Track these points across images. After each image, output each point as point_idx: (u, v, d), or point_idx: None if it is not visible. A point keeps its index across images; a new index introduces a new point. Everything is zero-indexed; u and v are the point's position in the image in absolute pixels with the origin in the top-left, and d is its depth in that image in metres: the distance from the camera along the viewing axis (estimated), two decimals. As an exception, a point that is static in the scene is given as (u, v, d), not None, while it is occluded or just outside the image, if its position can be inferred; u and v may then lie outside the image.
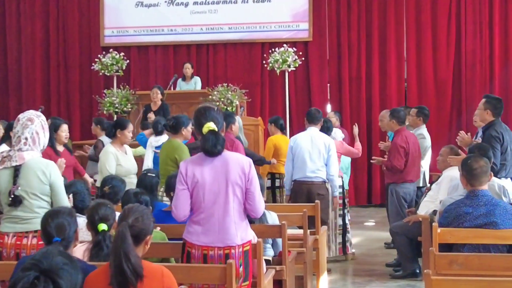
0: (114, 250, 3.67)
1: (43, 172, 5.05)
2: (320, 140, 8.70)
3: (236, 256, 4.76)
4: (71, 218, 4.12)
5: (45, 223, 4.05)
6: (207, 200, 4.78)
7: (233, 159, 4.85)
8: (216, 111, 4.98)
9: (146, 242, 3.93)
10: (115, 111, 13.21)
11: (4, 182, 5.05)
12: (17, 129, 5.13)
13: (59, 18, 15.64)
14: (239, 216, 4.84)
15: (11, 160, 5.05)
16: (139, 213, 3.91)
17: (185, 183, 4.80)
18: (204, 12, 14.97)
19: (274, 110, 14.64)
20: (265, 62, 13.97)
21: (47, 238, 4.00)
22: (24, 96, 15.67)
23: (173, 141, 8.06)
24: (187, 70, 13.30)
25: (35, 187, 5.03)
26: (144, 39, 15.22)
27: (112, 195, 5.97)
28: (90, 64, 14.66)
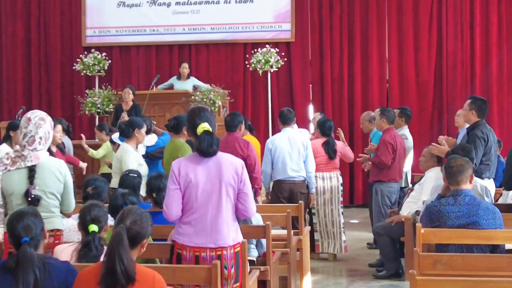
0: (109, 251, 3.67)
1: (59, 171, 5.06)
2: (297, 139, 8.83)
3: (228, 257, 4.75)
4: (36, 218, 4.08)
5: (12, 226, 4.00)
6: (200, 201, 4.76)
7: (226, 160, 4.85)
8: (210, 113, 4.98)
9: (143, 246, 3.92)
10: (97, 111, 13.15)
11: (18, 183, 5.00)
12: (30, 129, 5.05)
13: (41, 17, 15.56)
14: (232, 217, 4.85)
15: (25, 160, 5.00)
16: (137, 215, 3.90)
17: (177, 183, 4.77)
18: (186, 12, 14.95)
19: (256, 110, 14.68)
20: (248, 63, 13.99)
21: (15, 241, 3.96)
22: (5, 96, 15.57)
23: (176, 141, 8.14)
24: (184, 70, 13.18)
25: (52, 187, 5.02)
26: (126, 39, 15.18)
27: (95, 196, 5.93)
28: (72, 64, 14.58)
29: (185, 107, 12.55)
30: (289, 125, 8.98)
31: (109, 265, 3.67)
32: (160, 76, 13.30)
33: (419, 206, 7.94)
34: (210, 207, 4.76)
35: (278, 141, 8.82)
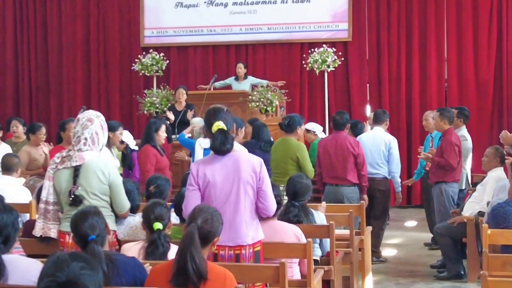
0: (181, 250, 3.72)
1: (102, 172, 5.08)
2: (382, 139, 9.09)
3: (247, 257, 4.77)
4: (99, 216, 4.16)
5: (77, 226, 4.08)
6: (218, 200, 4.79)
7: (244, 158, 4.88)
8: (226, 112, 4.97)
9: (213, 244, 3.97)
10: (155, 111, 13.29)
11: (64, 182, 5.08)
12: (77, 129, 5.15)
13: (100, 18, 15.77)
14: (251, 216, 4.85)
15: (71, 160, 5.08)
16: (208, 214, 3.96)
17: (196, 183, 4.83)
18: (243, 12, 14.99)
19: (313, 110, 14.65)
20: (305, 63, 13.98)
21: (81, 240, 4.03)
22: (65, 96, 15.82)
23: (289, 140, 8.29)
24: (239, 70, 13.27)
25: (95, 187, 5.06)
26: (184, 40, 15.28)
27: (158, 194, 6.00)
28: (130, 65, 14.78)
29: (242, 107, 12.60)
30: (380, 125, 9.33)
31: (180, 264, 3.71)
32: (217, 76, 13.38)
33: (482, 206, 7.85)
34: (228, 206, 4.79)
35: (363, 139, 9.10)
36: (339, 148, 8.53)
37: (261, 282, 4.68)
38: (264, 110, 12.39)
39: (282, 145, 8.42)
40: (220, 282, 3.78)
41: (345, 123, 8.69)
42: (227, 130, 4.82)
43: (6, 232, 3.91)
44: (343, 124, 8.67)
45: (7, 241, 3.92)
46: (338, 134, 8.66)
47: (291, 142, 8.33)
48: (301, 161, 8.31)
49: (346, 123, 8.73)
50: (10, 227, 3.94)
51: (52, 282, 2.29)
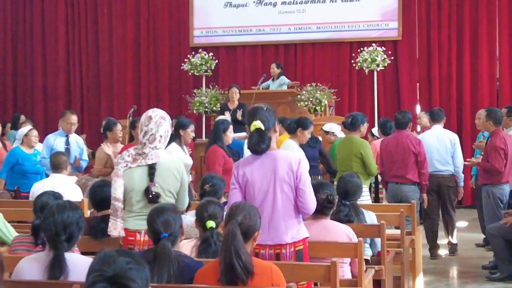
0: (225, 247, 3.74)
1: (177, 169, 5.11)
2: (446, 136, 9.33)
3: (287, 256, 4.73)
4: (176, 214, 4.19)
5: (152, 221, 4.12)
6: (257, 198, 4.78)
7: (281, 156, 4.84)
8: (266, 110, 4.92)
9: (254, 239, 3.99)
10: (205, 111, 13.37)
11: (138, 180, 5.07)
12: (151, 127, 5.09)
13: (150, 19, 15.93)
14: (289, 214, 4.79)
15: (146, 158, 5.07)
16: (246, 210, 3.98)
17: (237, 182, 4.84)
18: (292, 12, 14.99)
19: (362, 109, 14.51)
20: (354, 62, 13.92)
21: (154, 235, 4.08)
22: (116, 96, 16.02)
23: (353, 138, 8.41)
24: (272, 70, 13.30)
25: (171, 185, 5.08)
26: (233, 39, 15.35)
27: (212, 193, 6.03)
28: (180, 64, 14.88)
29: (291, 106, 12.61)
30: (439, 123, 9.51)
31: (226, 262, 3.73)
32: (266, 76, 13.41)
33: (536, 207, 7.74)
34: (266, 205, 4.77)
35: (426, 138, 9.24)
36: (400, 147, 8.69)
37: (312, 281, 4.67)
38: (313, 109, 12.36)
39: (346, 143, 8.51)
40: (267, 276, 3.80)
41: (407, 122, 8.89)
42: (265, 129, 4.79)
43: (70, 230, 3.96)
44: (405, 123, 8.86)
45: (71, 239, 3.98)
46: (400, 133, 8.84)
47: (355, 139, 8.42)
48: (365, 158, 8.35)
49: (408, 122, 8.92)
50: (74, 226, 3.99)
51: (99, 276, 2.31)
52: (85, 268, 3.85)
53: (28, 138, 9.15)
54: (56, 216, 3.98)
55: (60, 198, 5.13)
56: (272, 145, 4.84)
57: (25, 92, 16.83)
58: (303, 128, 8.32)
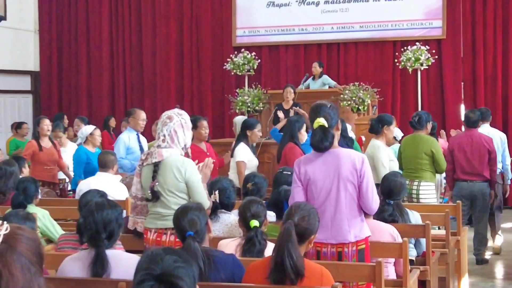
0: (278, 247, 3.73)
1: (178, 169, 5.08)
2: (495, 135, 9.38)
3: (349, 255, 4.71)
4: (200, 212, 4.20)
5: (177, 220, 4.15)
6: (319, 197, 4.76)
7: (344, 154, 4.80)
8: (330, 108, 4.88)
9: (310, 241, 3.96)
10: (247, 110, 13.37)
11: (147, 178, 5.16)
12: (158, 127, 5.26)
13: (193, 18, 15.99)
14: (352, 213, 4.77)
15: (152, 157, 5.15)
16: (305, 212, 3.96)
17: (299, 180, 4.82)
18: (335, 11, 14.92)
19: (406, 109, 14.44)
20: (397, 61, 13.80)
21: (181, 234, 4.10)
22: (159, 95, 16.11)
23: (422, 136, 8.48)
24: (314, 69, 13.26)
25: (171, 184, 5.09)
26: (275, 39, 15.31)
27: (255, 192, 6.03)
28: (222, 64, 14.91)
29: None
30: (488, 122, 9.64)
31: (278, 261, 3.73)
32: (309, 75, 13.37)
33: None
34: (328, 203, 4.75)
35: None
36: (475, 145, 8.72)
37: (357, 280, 4.64)
38: (356, 109, 12.30)
39: (414, 141, 8.50)
40: (317, 279, 3.78)
41: (477, 120, 8.92)
42: (328, 126, 4.75)
43: (110, 228, 4.00)
44: (476, 121, 8.90)
45: (111, 237, 4.02)
46: (471, 131, 8.87)
47: (424, 137, 8.48)
48: (436, 155, 8.38)
49: (478, 121, 8.95)
50: (114, 223, 4.03)
51: (148, 275, 2.31)
52: (128, 265, 3.93)
53: (93, 137, 9.21)
54: (95, 214, 4.03)
55: (104, 197, 5.19)
56: (334, 143, 4.80)
57: (69, 92, 17.04)
58: (388, 124, 8.31)
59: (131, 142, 9.15)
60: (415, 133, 8.59)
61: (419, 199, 8.08)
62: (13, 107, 16.51)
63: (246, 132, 8.37)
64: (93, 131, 9.24)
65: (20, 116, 16.09)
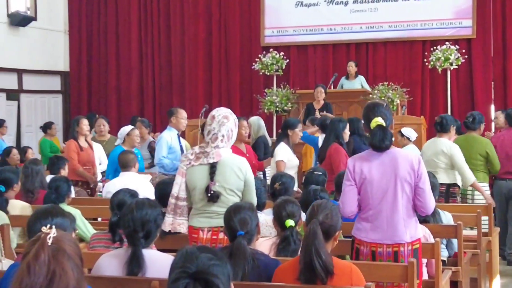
0: (305, 246, 3.74)
1: (239, 169, 5.13)
2: None
3: (405, 254, 4.70)
4: (252, 213, 4.22)
5: (229, 219, 4.15)
6: (375, 197, 4.74)
7: (401, 155, 4.79)
8: (385, 107, 4.90)
9: (335, 238, 3.98)
10: (276, 110, 13.38)
11: (200, 178, 5.14)
12: (213, 126, 5.17)
13: (221, 19, 16.03)
14: (408, 213, 4.76)
15: (207, 157, 5.13)
16: (328, 209, 3.96)
17: (353, 179, 4.79)
18: (364, 10, 14.87)
19: (435, 109, 14.34)
20: (426, 61, 13.74)
21: (231, 233, 4.11)
22: (187, 95, 16.16)
23: (476, 137, 8.55)
24: (351, 68, 13.27)
25: (232, 183, 5.11)
26: (304, 39, 15.30)
27: (283, 192, 6.04)
28: (251, 64, 14.93)
29: (362, 105, 12.39)
30: None
31: (306, 260, 3.74)
32: (338, 75, 13.35)
33: None
34: (385, 203, 4.73)
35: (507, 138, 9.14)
36: None
37: (389, 280, 4.62)
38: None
39: (468, 142, 8.49)
40: (346, 276, 3.78)
41: None
42: (386, 126, 4.76)
43: (148, 227, 4.02)
44: None
45: (148, 236, 4.03)
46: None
47: (479, 138, 8.55)
48: (491, 155, 8.45)
49: None
50: (152, 223, 4.04)
51: (183, 273, 2.34)
52: (163, 265, 3.94)
53: (131, 138, 9.25)
54: (134, 213, 4.04)
55: (135, 196, 5.22)
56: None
57: (99, 93, 17.16)
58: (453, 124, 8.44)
59: (173, 141, 9.13)
60: (468, 133, 8.62)
61: (474, 199, 8.09)
62: (43, 107, 16.65)
63: (287, 131, 8.34)
64: (130, 131, 9.28)
65: (50, 116, 16.24)
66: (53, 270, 2.21)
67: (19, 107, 16.00)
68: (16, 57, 15.31)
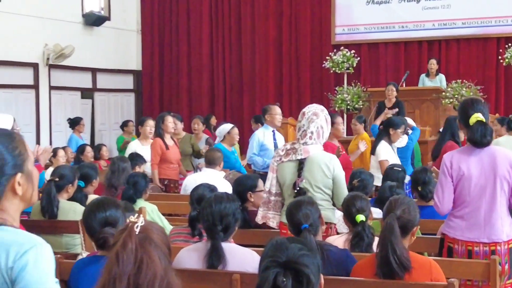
0: (382, 241, 3.73)
1: (327, 166, 5.14)
2: None
3: (502, 253, 4.61)
4: (313, 206, 4.23)
5: (291, 215, 4.17)
6: (472, 194, 4.65)
7: (500, 153, 4.70)
8: (483, 104, 4.82)
9: (413, 234, 3.94)
10: (347, 108, 13.32)
11: (289, 174, 5.18)
12: (303, 123, 5.21)
13: (292, 17, 16.05)
14: (505, 212, 4.67)
15: (296, 153, 5.17)
16: (405, 205, 3.93)
17: (450, 175, 4.70)
18: (436, 7, 14.69)
19: (509, 107, 14.10)
20: (501, 58, 13.49)
21: (295, 228, 4.12)
22: (258, 94, 16.23)
23: None
24: (432, 66, 13.10)
25: (319, 180, 5.13)
26: (375, 36, 15.23)
27: (361, 188, 6.02)
28: (321, 62, 14.88)
29: (435, 103, 12.38)
30: None
31: (383, 255, 3.72)
32: (410, 73, 13.21)
33: None
34: (483, 202, 4.64)
35: None
36: None
37: (471, 278, 4.56)
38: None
39: None
40: (426, 271, 3.75)
41: None
42: (486, 121, 4.68)
43: (226, 221, 4.07)
44: None
45: (227, 230, 4.08)
46: None
47: None
48: None
49: None
50: (231, 217, 4.09)
51: (273, 262, 2.35)
52: (244, 258, 3.99)
53: (231, 136, 9.35)
54: (213, 206, 4.09)
55: (214, 190, 5.27)
56: None
57: (170, 91, 17.36)
58: None
59: (266, 139, 9.10)
60: None
61: None
62: (117, 106, 16.94)
63: (389, 130, 8.25)
64: (230, 129, 9.37)
65: (123, 114, 16.53)
66: (140, 258, 2.24)
67: (93, 105, 16.30)
68: (90, 57, 15.60)
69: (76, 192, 6.18)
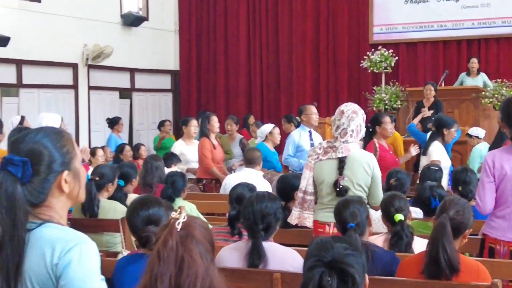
0: (433, 240, 3.70)
1: (368, 164, 5.15)
2: None
3: None
4: (361, 206, 4.24)
5: (339, 212, 4.18)
6: None
7: None
8: None
9: (465, 236, 3.91)
10: (385, 108, 13.24)
11: (328, 172, 5.18)
12: (342, 121, 5.21)
13: (329, 17, 16.00)
14: None
15: (336, 152, 5.17)
16: (460, 206, 3.91)
17: (492, 175, 4.65)
18: (475, 6, 14.54)
19: (550, 107, 13.86)
20: (542, 57, 13.32)
21: (342, 226, 4.12)
22: (295, 93, 16.22)
23: None
24: (473, 65, 12.95)
25: (360, 178, 5.13)
26: (413, 36, 15.11)
27: (398, 187, 6.02)
28: (359, 62, 14.80)
29: (475, 103, 12.25)
30: None
31: (432, 254, 3.69)
32: (448, 72, 13.09)
33: None
34: None
35: None
36: None
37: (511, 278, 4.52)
38: (499, 106, 11.93)
39: None
40: (473, 274, 3.72)
41: None
42: None
43: (268, 220, 4.09)
44: None
45: (268, 229, 4.09)
46: None
47: None
48: None
49: None
50: (272, 216, 4.11)
51: (318, 261, 2.36)
52: (284, 258, 3.99)
53: (273, 136, 9.38)
54: (255, 205, 4.11)
55: (253, 190, 5.28)
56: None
57: (208, 91, 17.40)
58: None
59: (302, 139, 9.11)
60: None
61: None
62: (154, 105, 17.02)
63: (442, 130, 8.15)
64: (272, 129, 9.40)
65: (161, 114, 16.61)
66: (181, 256, 2.21)
67: (131, 105, 16.40)
68: (128, 57, 15.70)
69: (116, 191, 6.24)
